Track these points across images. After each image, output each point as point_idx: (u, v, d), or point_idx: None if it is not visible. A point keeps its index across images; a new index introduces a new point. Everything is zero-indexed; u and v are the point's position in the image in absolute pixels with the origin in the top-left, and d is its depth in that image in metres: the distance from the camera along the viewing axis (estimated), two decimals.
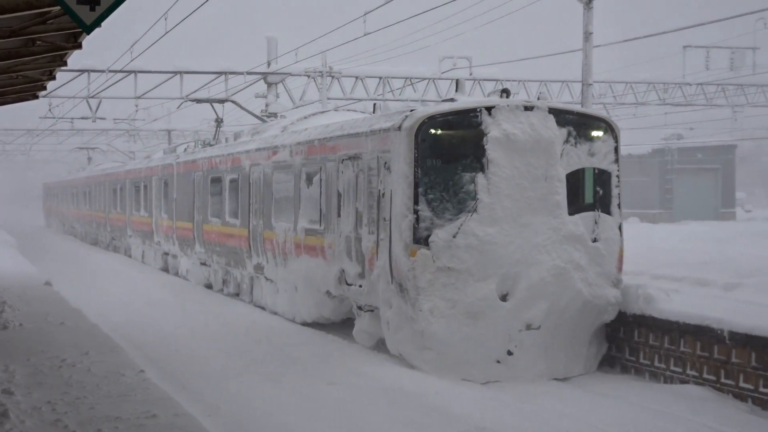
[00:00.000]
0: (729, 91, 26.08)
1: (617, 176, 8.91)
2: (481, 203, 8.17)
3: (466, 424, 6.45)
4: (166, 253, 19.19)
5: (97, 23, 4.46)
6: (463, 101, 8.95)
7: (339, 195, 10.07)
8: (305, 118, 13.65)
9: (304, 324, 11.31)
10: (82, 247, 30.62)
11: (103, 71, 19.51)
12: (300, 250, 11.18)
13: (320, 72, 19.72)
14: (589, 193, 8.81)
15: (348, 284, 9.80)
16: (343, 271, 9.89)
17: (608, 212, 8.85)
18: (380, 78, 21.01)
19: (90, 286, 17.28)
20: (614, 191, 8.90)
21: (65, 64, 10.35)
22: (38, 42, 8.57)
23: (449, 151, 8.48)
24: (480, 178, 8.21)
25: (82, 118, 24.88)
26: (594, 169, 8.78)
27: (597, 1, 12.49)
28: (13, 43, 8.48)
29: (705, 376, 7.77)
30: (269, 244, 12.36)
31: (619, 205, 8.99)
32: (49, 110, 24.98)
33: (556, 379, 8.27)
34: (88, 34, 5.49)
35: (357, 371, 8.48)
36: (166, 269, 19.50)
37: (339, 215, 10.03)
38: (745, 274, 9.34)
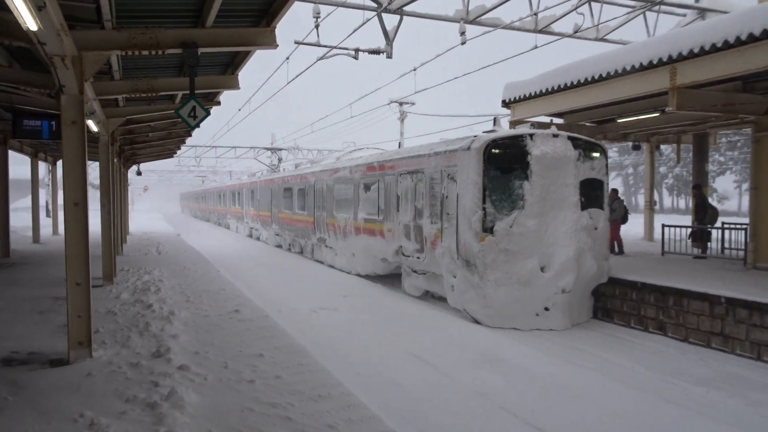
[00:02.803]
0: None
1: (607, 184, 11.45)
2: (527, 202, 10.39)
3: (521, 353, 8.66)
4: (252, 228, 30.92)
5: (197, 125, 8.67)
6: (506, 130, 11.51)
7: (398, 197, 13.33)
8: (350, 152, 20.29)
9: (358, 275, 15.93)
10: (200, 222, 51.64)
11: (201, 146, 43.41)
12: (359, 231, 15.40)
13: (293, 148, 42.03)
14: (592, 195, 11.09)
15: (405, 255, 12.99)
16: (401, 246, 13.11)
17: (602, 208, 11.26)
18: (318, 150, 42.80)
19: (202, 238, 30.60)
20: (604, 194, 11.43)
21: (185, 142, 21.73)
22: (172, 133, 17.77)
23: (504, 165, 10.53)
24: (526, 184, 10.43)
25: (193, 166, 52.47)
26: (594, 179, 11.13)
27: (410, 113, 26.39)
28: (163, 134, 17.89)
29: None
30: (331, 227, 17.51)
31: (607, 204, 11.55)
32: (178, 162, 50.39)
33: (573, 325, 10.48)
34: (193, 130, 12.46)
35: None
36: (250, 236, 31.54)
37: (398, 210, 13.29)
38: None
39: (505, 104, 14.83)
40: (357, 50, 14.11)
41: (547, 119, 15.14)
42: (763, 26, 8.64)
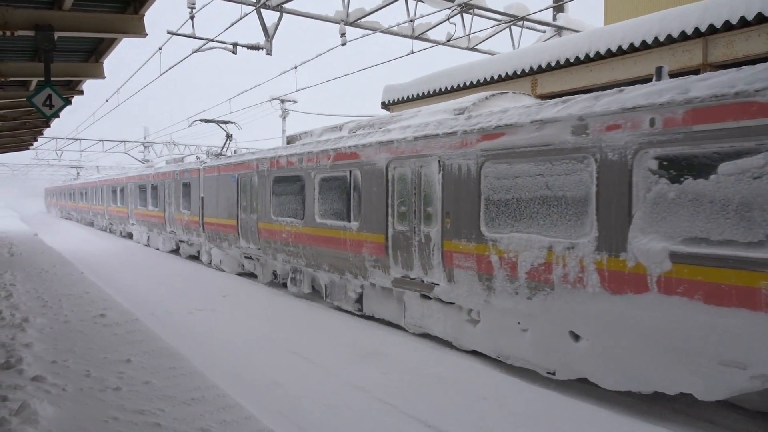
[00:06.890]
0: None
1: None
2: None
3: None
4: (182, 241, 20.62)
5: (54, 115, 7.99)
6: None
7: None
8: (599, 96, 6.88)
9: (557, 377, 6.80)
10: (77, 226, 40.37)
11: (62, 138, 39.02)
12: (625, 285, 5.79)
13: (169, 143, 42.42)
14: None
15: None
16: None
17: None
18: (196, 146, 42.81)
19: (74, 243, 26.12)
20: None
21: (42, 133, 19.36)
22: (27, 123, 16.16)
23: None
24: None
25: (53, 159, 48.37)
26: None
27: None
28: (16, 123, 16.03)
29: None
30: (463, 259, 8.07)
31: None
32: (36, 155, 47.39)
33: None
34: (50, 120, 10.38)
35: None
36: (176, 251, 21.61)
37: None
38: None
39: (385, 105, 15.26)
40: (235, 45, 13.75)
41: None
42: (607, 46, 9.73)
